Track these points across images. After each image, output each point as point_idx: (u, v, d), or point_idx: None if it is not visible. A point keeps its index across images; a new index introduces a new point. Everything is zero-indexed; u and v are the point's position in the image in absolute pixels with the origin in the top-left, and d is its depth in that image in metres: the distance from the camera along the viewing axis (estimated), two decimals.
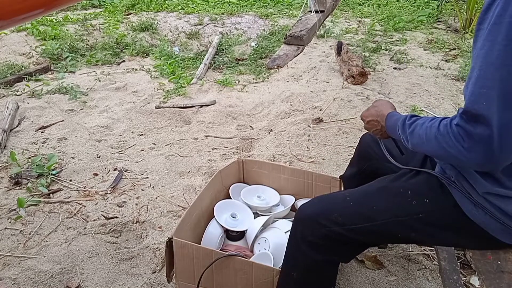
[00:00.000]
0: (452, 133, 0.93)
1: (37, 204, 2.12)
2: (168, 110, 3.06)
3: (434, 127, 0.98)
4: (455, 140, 0.93)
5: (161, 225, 2.01)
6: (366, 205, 1.16)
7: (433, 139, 0.98)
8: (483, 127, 0.87)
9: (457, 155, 0.93)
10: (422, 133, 1.02)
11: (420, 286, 1.69)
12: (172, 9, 5.33)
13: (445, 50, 4.23)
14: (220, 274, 1.43)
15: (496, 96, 0.85)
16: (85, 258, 1.81)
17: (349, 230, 1.14)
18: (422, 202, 1.11)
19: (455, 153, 0.94)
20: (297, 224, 1.22)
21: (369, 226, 1.13)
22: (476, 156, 0.90)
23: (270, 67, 2.07)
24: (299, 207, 1.26)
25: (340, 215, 1.15)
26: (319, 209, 1.19)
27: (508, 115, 0.86)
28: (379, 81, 3.55)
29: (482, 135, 0.88)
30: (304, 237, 1.17)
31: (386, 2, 5.75)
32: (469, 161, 0.92)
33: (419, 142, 1.04)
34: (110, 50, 4.13)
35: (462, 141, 0.91)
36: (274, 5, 5.65)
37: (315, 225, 1.16)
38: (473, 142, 0.89)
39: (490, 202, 1.03)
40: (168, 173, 2.39)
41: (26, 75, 3.52)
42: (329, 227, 1.15)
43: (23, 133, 2.75)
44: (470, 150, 0.90)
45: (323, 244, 1.16)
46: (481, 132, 0.88)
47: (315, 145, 2.66)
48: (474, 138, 0.89)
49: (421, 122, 1.05)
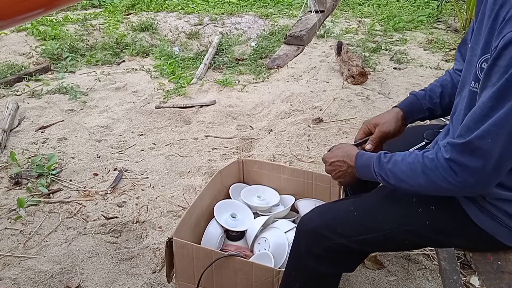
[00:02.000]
0: (442, 167, 0.94)
1: (37, 204, 2.12)
2: (168, 110, 3.06)
3: (419, 163, 0.99)
4: (446, 174, 0.94)
5: (161, 225, 2.01)
6: (371, 216, 1.14)
7: (421, 174, 0.98)
8: (478, 159, 0.89)
9: (449, 187, 0.95)
10: (406, 169, 1.02)
11: (420, 286, 1.69)
12: (172, 9, 5.32)
13: (445, 50, 4.23)
14: (220, 274, 1.43)
15: (504, 135, 0.87)
16: (85, 258, 1.81)
17: (355, 241, 1.12)
18: (427, 209, 1.10)
19: (446, 186, 0.95)
20: (300, 236, 1.20)
21: (374, 236, 1.12)
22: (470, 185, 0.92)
23: (270, 67, 2.07)
24: (301, 218, 1.24)
25: (344, 227, 1.13)
26: (323, 221, 1.17)
27: (508, 152, 0.88)
28: (379, 81, 3.55)
29: (476, 168, 0.90)
30: (308, 250, 1.16)
31: (386, 2, 5.75)
32: (461, 191, 0.95)
33: (403, 178, 1.03)
34: (110, 50, 4.13)
35: (454, 175, 0.93)
36: (274, 5, 5.65)
37: (319, 238, 1.14)
38: (467, 174, 0.91)
39: (496, 207, 1.03)
40: (168, 173, 2.39)
41: (26, 75, 3.52)
42: (334, 239, 1.12)
43: (23, 133, 2.75)
44: (463, 182, 0.92)
45: (327, 256, 1.14)
46: (475, 165, 0.90)
47: (315, 145, 2.66)
48: (468, 170, 0.91)
49: (399, 159, 1.04)
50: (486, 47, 0.95)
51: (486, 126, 0.88)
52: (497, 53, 0.88)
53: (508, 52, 0.86)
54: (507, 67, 0.86)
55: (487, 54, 0.94)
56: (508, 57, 0.86)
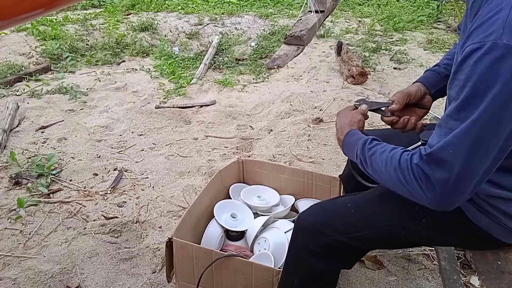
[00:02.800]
0: (411, 171, 0.94)
1: (37, 204, 2.12)
2: (168, 110, 3.06)
3: (395, 159, 0.98)
4: (413, 178, 0.93)
5: (161, 225, 2.01)
6: (368, 212, 1.15)
7: (392, 170, 0.98)
8: (442, 172, 0.88)
9: (414, 192, 0.94)
10: (382, 161, 1.01)
11: (420, 286, 1.69)
12: (172, 9, 5.32)
13: (445, 50, 4.23)
14: (220, 274, 1.43)
15: (465, 147, 0.86)
16: (85, 258, 1.81)
17: (352, 238, 1.13)
18: (424, 207, 1.10)
19: (411, 190, 0.94)
20: (298, 233, 1.20)
21: (372, 233, 1.12)
22: (432, 196, 0.91)
23: (270, 67, 2.07)
24: (299, 215, 1.24)
25: (342, 224, 1.14)
26: (320, 217, 1.18)
27: (470, 164, 0.87)
28: (379, 81, 3.55)
29: (440, 179, 0.89)
30: (306, 246, 1.16)
31: (386, 2, 5.75)
32: (424, 200, 0.93)
33: (377, 169, 1.03)
34: (110, 50, 4.13)
35: (420, 181, 0.92)
36: (274, 5, 5.65)
37: (317, 234, 1.15)
38: (430, 185, 0.90)
39: (492, 205, 1.03)
40: (168, 173, 2.39)
41: (26, 75, 3.52)
42: (331, 235, 1.13)
43: (23, 133, 2.75)
44: (426, 190, 0.91)
45: (325, 252, 1.15)
46: (439, 176, 0.89)
47: (315, 145, 2.66)
48: (431, 181, 0.90)
49: (381, 150, 1.04)
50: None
51: (448, 137, 0.88)
52: (456, 66, 0.89)
53: (466, 66, 0.86)
54: (465, 81, 0.86)
55: None
56: (466, 71, 0.86)
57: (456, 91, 0.88)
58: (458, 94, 0.87)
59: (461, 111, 0.87)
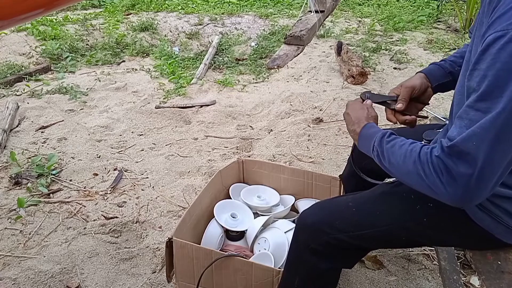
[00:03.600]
0: (431, 164, 0.91)
1: (37, 204, 2.12)
2: (168, 110, 3.06)
3: (415, 152, 0.95)
4: (433, 171, 0.90)
5: (161, 225, 2.01)
6: (369, 211, 1.15)
7: (411, 164, 0.95)
8: (466, 165, 0.85)
9: (433, 187, 0.91)
10: (401, 155, 0.98)
11: (420, 286, 1.69)
12: (172, 9, 5.32)
13: (445, 50, 4.23)
14: (220, 275, 1.43)
15: (489, 138, 0.83)
16: (85, 258, 1.81)
17: (353, 236, 1.13)
18: (425, 206, 1.09)
19: (431, 184, 0.91)
20: (299, 232, 1.20)
21: (372, 232, 1.12)
22: (453, 192, 0.88)
23: (270, 67, 2.07)
24: (300, 214, 1.24)
25: (343, 222, 1.14)
26: (321, 216, 1.18)
27: (493, 157, 0.84)
28: (379, 81, 3.55)
29: (463, 174, 0.86)
30: (307, 245, 1.16)
31: (386, 2, 5.75)
32: (443, 195, 0.90)
33: (395, 162, 1.00)
34: (110, 50, 4.13)
35: (441, 174, 0.89)
36: (274, 5, 5.65)
37: (318, 233, 1.15)
38: (451, 178, 0.87)
39: (496, 204, 1.02)
40: (168, 173, 2.39)
41: (26, 75, 3.52)
42: (332, 234, 1.13)
43: (23, 133, 2.75)
44: (447, 184, 0.88)
45: (326, 251, 1.15)
46: (463, 170, 0.86)
47: (315, 145, 2.66)
48: (453, 174, 0.87)
49: (400, 143, 1.01)
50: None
51: (472, 128, 0.85)
52: (477, 56, 0.87)
53: (488, 54, 0.84)
54: (486, 70, 0.84)
55: None
56: (488, 60, 0.84)
57: (477, 81, 0.86)
58: (479, 84, 0.85)
59: (483, 101, 0.84)
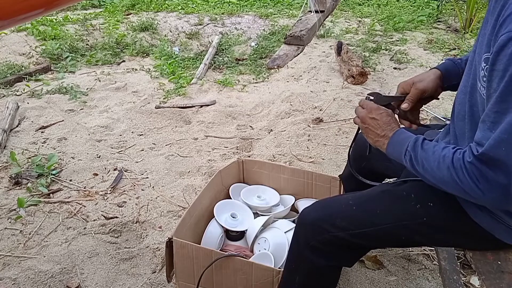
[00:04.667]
0: (465, 170, 0.91)
1: (37, 204, 2.12)
2: (168, 110, 3.06)
3: (448, 158, 0.95)
4: (469, 178, 0.91)
5: (161, 225, 2.01)
6: (370, 210, 1.15)
7: (446, 170, 0.95)
8: (502, 174, 0.87)
9: (470, 192, 0.92)
10: (434, 161, 0.99)
11: (420, 286, 1.69)
12: (172, 9, 5.32)
13: (445, 50, 4.23)
14: (220, 274, 1.43)
15: None
16: (85, 258, 1.81)
17: (353, 235, 1.13)
18: (426, 205, 1.10)
19: (467, 189, 0.92)
20: (299, 229, 1.21)
21: (373, 230, 1.13)
22: (492, 198, 0.90)
23: (270, 67, 2.07)
24: (301, 211, 1.24)
25: (343, 220, 1.14)
26: (322, 214, 1.18)
27: None
28: (379, 81, 3.55)
29: (500, 183, 0.87)
30: (307, 242, 1.16)
31: (386, 2, 5.75)
32: (482, 201, 0.92)
33: (430, 168, 1.00)
34: (110, 50, 4.13)
35: (477, 182, 0.90)
36: (274, 5, 5.65)
37: (318, 230, 1.15)
38: (489, 186, 0.89)
39: None
40: (168, 173, 2.39)
41: (26, 75, 3.52)
42: (333, 232, 1.14)
43: (23, 133, 2.75)
44: (485, 192, 0.89)
45: (326, 249, 1.15)
46: (500, 180, 0.87)
47: (315, 145, 2.66)
48: (491, 183, 0.88)
49: (433, 149, 1.01)
50: (487, 47, 0.94)
51: (497, 134, 0.86)
52: (493, 57, 0.87)
53: (503, 55, 0.84)
54: (504, 71, 0.84)
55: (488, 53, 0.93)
56: (504, 60, 0.84)
57: (497, 82, 0.86)
58: (498, 85, 0.86)
59: (502, 102, 0.85)
